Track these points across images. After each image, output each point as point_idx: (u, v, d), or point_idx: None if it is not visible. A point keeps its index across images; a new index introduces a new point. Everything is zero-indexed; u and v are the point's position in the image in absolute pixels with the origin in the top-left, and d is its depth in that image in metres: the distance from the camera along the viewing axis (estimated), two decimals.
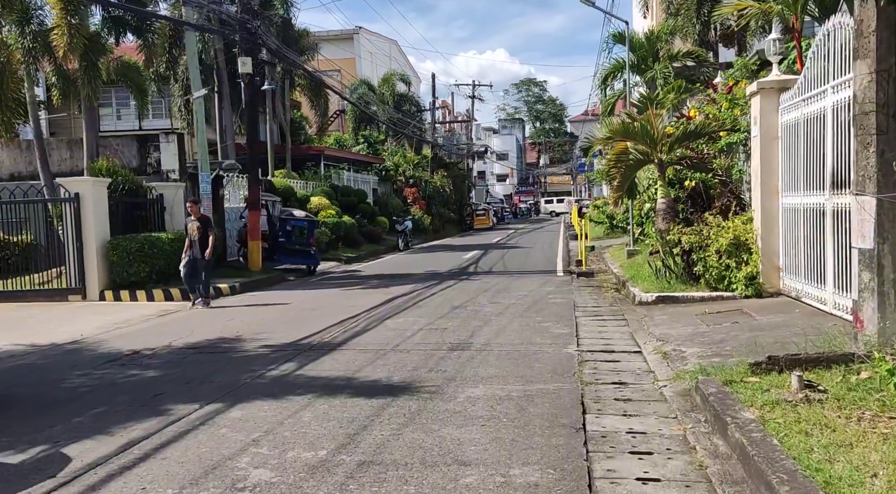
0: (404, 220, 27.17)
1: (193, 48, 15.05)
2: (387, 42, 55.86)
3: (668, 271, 10.71)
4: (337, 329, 8.88)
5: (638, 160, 10.83)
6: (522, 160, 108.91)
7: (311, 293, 13.33)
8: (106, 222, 13.16)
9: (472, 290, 12.80)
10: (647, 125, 10.66)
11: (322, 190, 24.91)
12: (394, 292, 12.82)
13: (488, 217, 45.33)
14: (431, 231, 35.33)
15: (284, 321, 9.87)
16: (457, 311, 10.22)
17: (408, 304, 11.14)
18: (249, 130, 15.85)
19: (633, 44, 17.80)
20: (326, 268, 19.17)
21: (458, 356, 7.14)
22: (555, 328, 8.69)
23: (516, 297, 11.67)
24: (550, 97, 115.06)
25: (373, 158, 36.72)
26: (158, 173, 15.93)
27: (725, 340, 7.07)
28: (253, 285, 14.60)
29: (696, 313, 8.83)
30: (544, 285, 13.38)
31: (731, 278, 9.58)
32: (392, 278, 15.53)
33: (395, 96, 41.89)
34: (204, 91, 15.09)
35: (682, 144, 10.76)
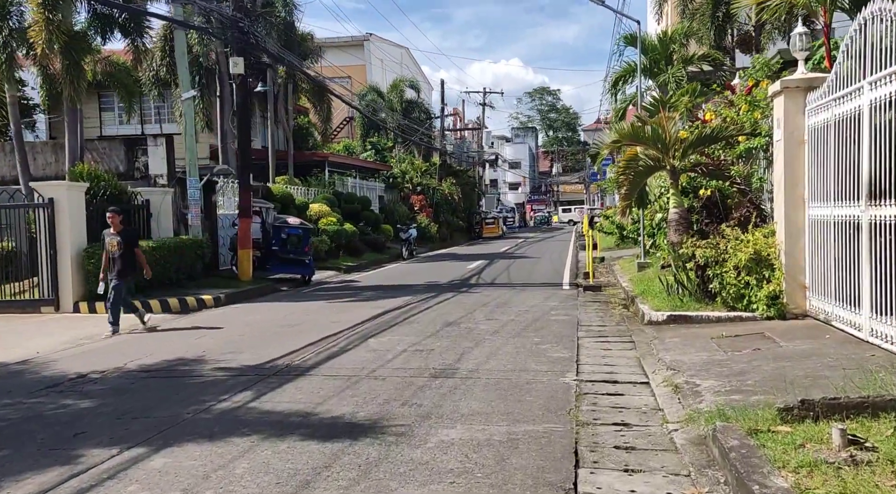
0: (409, 228, 26.36)
1: (183, 47, 14.35)
2: (398, 49, 55.24)
3: (681, 288, 9.79)
4: (312, 350, 8.04)
5: (648, 167, 9.94)
6: (535, 169, 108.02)
7: (298, 306, 12.51)
8: (82, 230, 12.42)
9: (470, 304, 11.93)
10: (658, 129, 9.78)
11: (324, 197, 24.16)
12: (386, 305, 11.98)
13: (498, 226, 44.47)
14: (438, 240, 34.52)
15: (259, 338, 9.04)
16: (448, 329, 9.36)
17: (397, 319, 10.28)
18: (241, 134, 15.11)
19: (646, 46, 16.93)
20: (323, 278, 18.37)
21: (440, 386, 6.27)
22: (553, 350, 7.80)
23: (516, 313, 10.79)
24: (564, 106, 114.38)
25: (380, 165, 36.02)
26: (146, 178, 15.21)
27: (747, 371, 6.15)
28: (240, 297, 13.81)
29: (712, 336, 7.92)
30: (548, 300, 12.49)
31: (751, 296, 8.65)
32: (388, 290, 14.69)
33: (403, 103, 41.19)
34: (193, 92, 14.38)
35: (696, 150, 9.87)
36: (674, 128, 9.95)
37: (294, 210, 20.55)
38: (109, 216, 10.06)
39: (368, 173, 34.54)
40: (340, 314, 11.04)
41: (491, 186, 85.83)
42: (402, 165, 37.13)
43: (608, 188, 35.45)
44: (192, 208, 14.61)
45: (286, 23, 23.29)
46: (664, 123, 9.79)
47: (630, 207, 10.21)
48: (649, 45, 17.25)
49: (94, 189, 13.16)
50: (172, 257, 13.41)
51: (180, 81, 14.30)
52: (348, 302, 12.84)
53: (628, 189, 9.99)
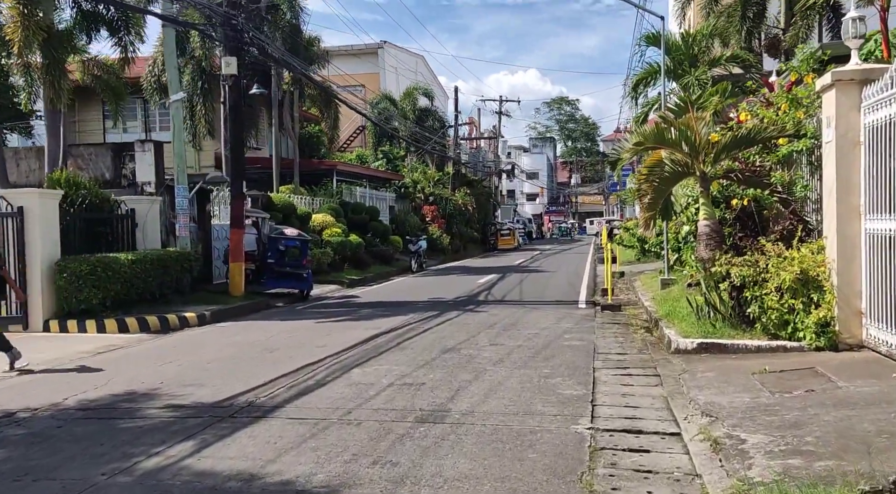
0: (418, 240, 25.30)
1: (172, 46, 13.43)
2: (413, 57, 54.39)
3: (713, 311, 8.60)
4: (284, 383, 6.95)
5: (675, 173, 8.77)
6: (553, 179, 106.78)
7: (287, 326, 11.45)
8: (56, 241, 11.47)
9: (475, 325, 10.80)
10: (686, 130, 8.61)
11: (329, 207, 23.18)
12: (383, 325, 10.89)
13: (513, 238, 43.26)
14: (451, 251, 33.43)
15: (230, 366, 7.97)
16: (446, 356, 8.23)
17: (391, 344, 9.18)
18: (233, 138, 14.15)
19: (669, 47, 15.79)
20: (323, 292, 17.32)
21: (425, 435, 5.15)
22: (565, 386, 6.65)
23: (525, 337, 9.64)
24: (582, 116, 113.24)
25: (391, 175, 35.05)
26: (134, 186, 14.29)
27: (803, 422, 4.97)
28: (228, 314, 12.79)
29: (753, 370, 6.72)
30: (562, 321, 11.33)
31: (797, 323, 7.45)
32: (388, 308, 13.60)
33: (416, 111, 40.24)
34: (182, 94, 13.45)
35: (730, 154, 8.69)
36: (704, 129, 8.78)
37: (296, 221, 19.57)
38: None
39: (380, 183, 33.59)
40: (329, 337, 9.96)
41: (508, 196, 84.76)
42: (413, 174, 36.11)
43: (628, 199, 34.21)
44: (180, 218, 13.64)
45: (292, 26, 22.43)
46: (693, 123, 8.63)
47: (654, 218, 9.06)
48: (673, 46, 16.10)
49: (71, 197, 12.23)
50: (155, 271, 12.43)
51: (169, 81, 13.38)
52: (342, 322, 11.76)
53: (652, 198, 8.82)
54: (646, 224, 9.24)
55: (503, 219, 53.87)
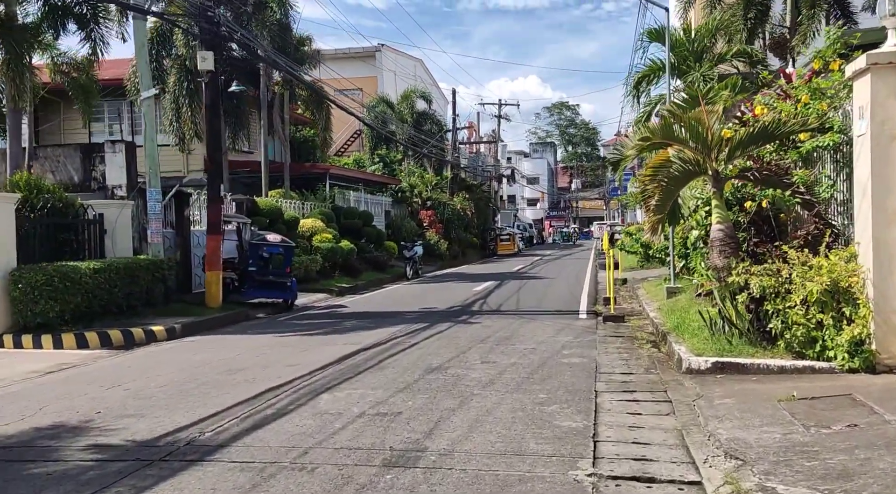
0: (413, 245, 24.39)
1: (142, 39, 12.56)
2: (411, 60, 53.60)
3: (728, 325, 7.69)
4: (239, 412, 6.04)
5: (685, 172, 7.87)
6: (554, 184, 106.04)
7: (262, 340, 10.55)
8: (11, 249, 10.58)
9: (466, 339, 9.89)
10: (696, 125, 7.72)
11: (320, 211, 22.29)
12: (365, 340, 9.98)
13: (513, 243, 42.38)
14: (449, 257, 32.53)
15: (182, 390, 7.06)
16: (431, 377, 7.33)
17: (369, 363, 8.26)
18: (209, 137, 13.26)
19: (672, 42, 14.90)
20: (310, 301, 16.42)
21: (391, 484, 4.25)
22: (563, 415, 5.75)
23: (520, 353, 8.73)
24: (583, 120, 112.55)
25: (388, 179, 34.19)
26: (104, 190, 13.41)
27: (853, 471, 4.06)
28: (202, 326, 11.89)
29: (780, 397, 5.81)
30: (560, 333, 10.42)
31: (827, 341, 6.55)
32: (375, 319, 12.69)
33: (414, 115, 39.43)
34: (153, 91, 12.59)
35: (745, 151, 7.80)
36: (716, 123, 7.89)
37: (282, 226, 18.68)
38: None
39: (376, 188, 32.71)
40: (305, 354, 9.05)
41: (509, 202, 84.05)
42: (410, 178, 35.26)
43: (630, 203, 33.32)
44: (152, 223, 12.75)
45: (280, 25, 21.58)
46: (704, 117, 7.74)
47: (662, 222, 8.15)
48: (676, 41, 15.21)
49: (32, 201, 11.34)
50: (122, 281, 11.52)
51: (139, 76, 12.52)
52: (322, 335, 10.84)
53: (660, 200, 7.92)
54: (653, 228, 8.33)
55: (503, 224, 52.96)
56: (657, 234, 8.38)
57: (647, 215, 8.66)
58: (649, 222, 8.34)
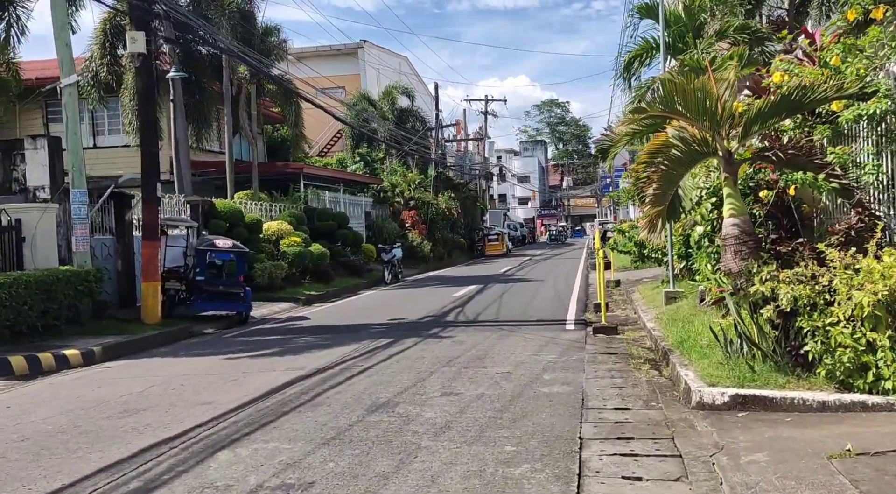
0: (391, 248, 22.77)
1: (62, 18, 10.90)
2: (395, 58, 51.98)
3: (748, 345, 6.13)
4: (96, 485, 4.45)
5: (689, 154, 6.32)
6: (545, 183, 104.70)
7: (190, 366, 8.94)
8: None
9: (430, 361, 8.31)
10: (703, 96, 6.16)
11: (290, 213, 20.66)
12: (311, 364, 8.40)
13: (502, 243, 40.77)
14: (433, 259, 30.93)
15: (42, 446, 5.45)
16: (371, 421, 5.75)
17: (303, 398, 6.67)
18: (143, 129, 11.61)
19: (667, 18, 13.38)
20: (271, 313, 14.81)
21: None
22: (534, 485, 4.18)
23: (491, 379, 7.16)
24: (573, 118, 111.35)
25: (369, 179, 32.55)
26: (26, 192, 11.77)
27: None
28: (131, 348, 10.27)
29: (831, 452, 4.26)
30: (543, 350, 8.86)
31: (882, 368, 5.01)
32: (335, 334, 11.10)
33: (395, 111, 37.81)
34: (75, 77, 10.95)
35: (766, 125, 6.26)
36: (727, 93, 6.34)
37: (243, 230, 17.05)
38: None
39: (357, 188, 31.09)
40: (229, 386, 7.45)
41: (500, 200, 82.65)
42: (392, 177, 33.63)
43: (622, 200, 31.79)
44: (77, 230, 11.12)
45: (243, 12, 19.94)
46: (713, 85, 6.18)
47: (661, 216, 6.59)
48: (672, 17, 13.68)
49: None
50: (34, 297, 9.89)
51: (59, 61, 10.88)
52: (265, 357, 9.23)
53: (659, 189, 6.36)
54: (650, 224, 6.75)
55: (492, 223, 51.35)
56: (656, 231, 6.81)
57: (642, 209, 7.10)
58: (646, 216, 6.77)
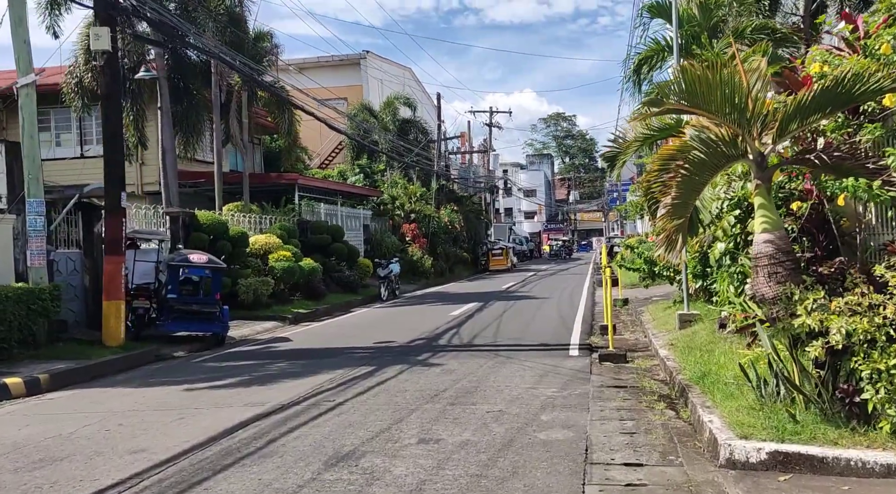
0: (388, 263, 21.75)
1: (20, 12, 9.99)
2: (399, 69, 51.27)
3: (787, 387, 5.06)
4: None
5: (715, 156, 5.28)
6: (551, 197, 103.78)
7: (140, 398, 7.90)
8: None
9: (412, 395, 7.26)
10: (731, 90, 5.14)
11: (280, 226, 19.67)
12: (276, 398, 7.36)
13: (506, 258, 39.69)
14: (434, 274, 29.88)
15: None
16: (327, 478, 4.70)
17: (254, 445, 5.62)
18: (107, 134, 10.65)
19: (680, 18, 12.39)
20: (252, 333, 13.80)
21: None
22: None
23: (479, 421, 6.11)
24: (580, 131, 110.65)
25: (368, 191, 31.58)
26: None
27: None
28: (83, 374, 9.24)
29: None
30: (543, 382, 7.81)
31: None
32: (312, 360, 10.06)
33: (396, 122, 36.91)
34: (33, 77, 10.00)
35: (806, 123, 5.22)
36: (759, 84, 5.31)
37: (226, 243, 16.06)
38: None
39: (357, 200, 30.15)
40: (173, 427, 6.40)
41: (506, 214, 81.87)
42: (392, 189, 32.67)
43: (630, 214, 30.73)
44: (31, 242, 10.14)
45: (231, 14, 19.07)
46: (743, 76, 5.17)
47: (682, 231, 5.51)
48: (685, 15, 12.69)
49: None
50: None
51: (16, 61, 9.97)
52: (227, 389, 8.18)
53: (679, 197, 5.29)
54: (667, 240, 5.67)
55: (497, 238, 50.30)
56: (675, 249, 5.71)
57: (656, 223, 6.03)
58: (661, 230, 5.72)
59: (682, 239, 5.57)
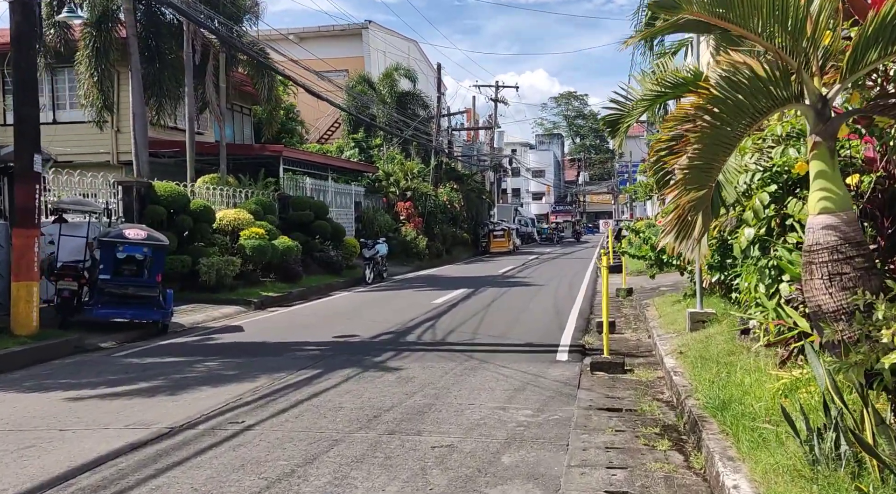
0: (375, 243, 20.10)
1: None
2: (404, 41, 49.24)
3: (853, 445, 3.40)
4: None
5: (756, 98, 3.58)
6: (560, 178, 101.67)
7: (6, 410, 6.32)
8: None
9: (345, 417, 5.65)
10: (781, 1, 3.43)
11: (257, 200, 18.03)
12: (170, 416, 5.78)
13: (508, 240, 37.95)
14: (429, 256, 28.24)
15: None
16: None
17: None
18: (19, 86, 8.98)
19: None
20: (207, 319, 12.23)
21: None
22: None
23: (418, 464, 4.50)
24: (591, 111, 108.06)
25: (363, 166, 29.87)
26: None
27: None
28: None
29: None
30: (516, 399, 6.19)
31: None
32: (249, 357, 8.47)
33: (395, 95, 35.08)
34: None
35: (890, 53, 3.50)
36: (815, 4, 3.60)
37: (187, 218, 14.45)
38: None
39: (351, 176, 28.48)
40: (2, 466, 4.82)
41: (513, 195, 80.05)
42: (388, 165, 30.93)
43: (639, 195, 28.88)
44: None
45: None
46: None
47: (705, 209, 3.78)
48: None
49: None
50: None
51: None
52: (120, 399, 6.56)
53: (700, 157, 3.53)
54: (678, 223, 3.89)
55: (501, 219, 48.50)
56: (690, 236, 3.96)
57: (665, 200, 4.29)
58: (671, 209, 4.00)
59: (702, 221, 3.84)
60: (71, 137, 21.58)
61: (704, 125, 3.58)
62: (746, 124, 3.62)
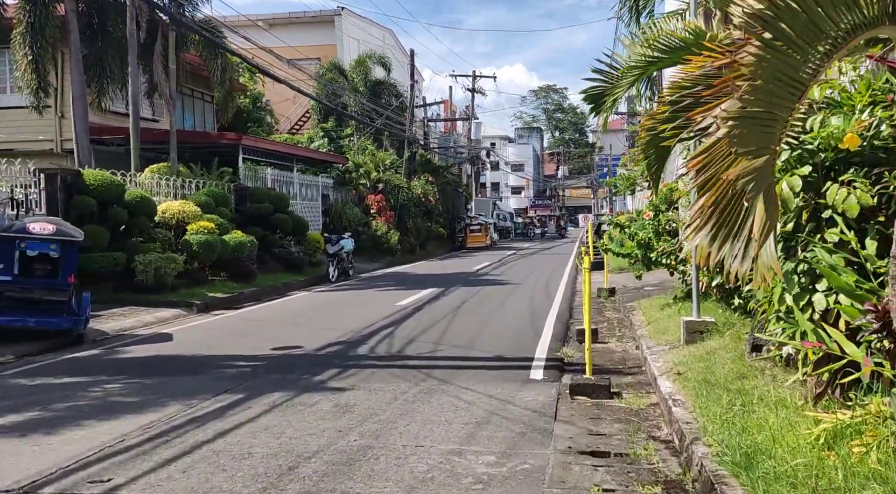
0: (339, 238, 18.68)
1: None
2: (379, 29, 47.64)
3: None
4: None
5: (845, 12, 2.27)
6: (540, 172, 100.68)
7: None
8: None
9: (248, 473, 4.29)
10: None
11: (208, 192, 16.52)
12: (26, 469, 4.37)
13: (485, 234, 36.71)
14: (402, 251, 26.86)
15: None
16: None
17: None
18: None
19: None
20: (136, 325, 10.75)
21: None
22: None
23: None
24: (571, 105, 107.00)
25: (333, 157, 28.32)
26: None
27: None
28: None
29: None
30: (477, 438, 4.87)
31: None
32: (161, 378, 7.06)
33: (368, 83, 33.60)
34: None
35: None
36: None
37: (121, 210, 12.93)
38: None
39: (320, 167, 26.95)
40: None
41: (492, 189, 79.01)
42: (360, 156, 29.45)
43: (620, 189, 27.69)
44: None
45: None
46: None
47: (769, 192, 2.43)
48: None
49: None
50: None
51: None
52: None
53: (758, 102, 2.23)
54: (714, 219, 2.51)
55: (479, 213, 47.19)
56: (739, 236, 2.58)
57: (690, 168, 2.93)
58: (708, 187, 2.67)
59: (766, 210, 2.42)
60: (11, 124, 19.92)
61: (761, 53, 2.26)
62: (824, 54, 2.30)
